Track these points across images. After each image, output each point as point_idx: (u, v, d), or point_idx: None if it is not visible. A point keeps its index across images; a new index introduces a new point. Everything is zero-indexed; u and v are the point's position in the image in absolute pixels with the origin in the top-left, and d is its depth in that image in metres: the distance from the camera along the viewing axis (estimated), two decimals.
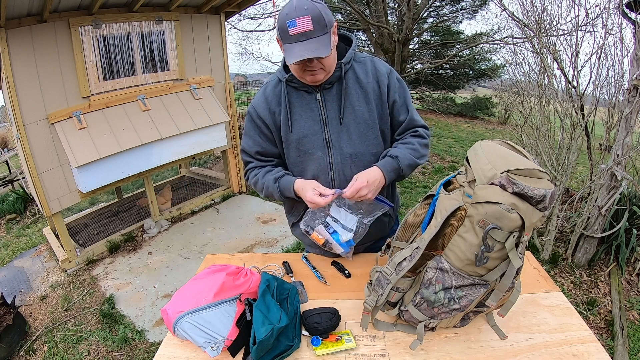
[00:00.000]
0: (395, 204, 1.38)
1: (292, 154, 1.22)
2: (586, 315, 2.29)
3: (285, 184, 1.18)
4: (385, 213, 1.24)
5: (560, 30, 2.86)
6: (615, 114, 2.62)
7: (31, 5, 2.52)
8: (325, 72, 1.10)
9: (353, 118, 1.16)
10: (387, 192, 1.30)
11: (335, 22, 1.07)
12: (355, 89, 1.16)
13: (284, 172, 1.22)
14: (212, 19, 3.83)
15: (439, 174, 5.00)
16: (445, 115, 9.84)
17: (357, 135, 1.17)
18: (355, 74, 1.16)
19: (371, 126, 1.18)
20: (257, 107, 1.21)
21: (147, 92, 3.38)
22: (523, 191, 0.75)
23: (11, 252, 3.64)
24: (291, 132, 1.18)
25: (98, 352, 2.26)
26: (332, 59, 1.09)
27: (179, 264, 3.13)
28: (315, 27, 0.98)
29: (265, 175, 1.23)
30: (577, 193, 2.87)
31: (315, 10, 0.98)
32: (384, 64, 1.21)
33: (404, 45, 9.13)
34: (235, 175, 4.43)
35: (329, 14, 1.04)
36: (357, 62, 1.18)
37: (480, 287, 0.85)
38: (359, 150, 1.18)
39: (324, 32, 1.00)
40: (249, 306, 0.97)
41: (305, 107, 1.17)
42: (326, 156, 1.18)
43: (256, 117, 1.21)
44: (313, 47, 0.99)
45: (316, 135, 1.17)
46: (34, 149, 2.82)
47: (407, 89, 1.24)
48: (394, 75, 1.20)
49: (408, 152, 1.17)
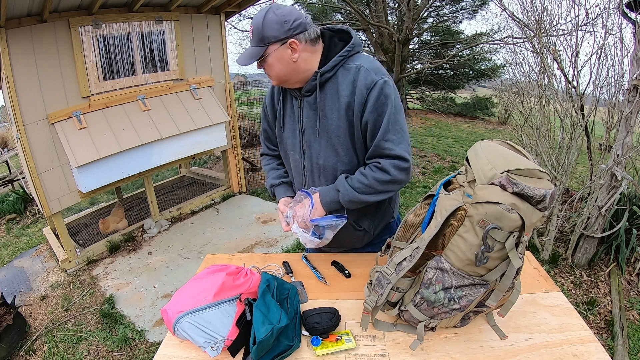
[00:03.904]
0: (392, 207, 1.35)
1: (282, 149, 1.32)
2: (586, 315, 2.29)
3: (277, 194, 1.34)
4: (358, 229, 1.25)
5: (560, 30, 2.86)
6: (615, 114, 2.62)
7: (31, 5, 2.51)
8: (275, 80, 1.13)
9: (325, 131, 1.12)
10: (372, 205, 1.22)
11: (293, 40, 1.03)
12: (332, 101, 1.09)
13: (280, 179, 1.35)
14: (212, 19, 3.83)
15: (439, 174, 5.00)
16: (445, 115, 9.85)
17: (327, 149, 1.14)
18: (337, 84, 1.08)
19: (342, 142, 1.11)
20: (266, 99, 1.31)
21: (147, 92, 3.38)
22: (523, 191, 0.75)
23: (11, 252, 3.64)
24: (283, 130, 1.26)
25: (98, 352, 2.26)
26: (282, 72, 1.08)
27: (179, 264, 3.13)
28: (253, 38, 1.06)
29: (269, 172, 1.39)
30: (577, 193, 2.88)
31: (258, 23, 1.03)
32: (370, 75, 1.04)
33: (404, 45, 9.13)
34: (235, 175, 4.43)
35: (277, 30, 1.02)
36: (344, 69, 1.08)
37: (480, 287, 0.85)
38: (328, 163, 1.15)
39: (258, 44, 1.05)
40: (249, 306, 0.97)
41: (291, 110, 1.21)
42: (301, 160, 1.23)
43: (266, 107, 1.32)
44: (243, 54, 1.08)
45: (295, 139, 1.22)
46: (34, 149, 2.82)
47: (391, 109, 1.04)
48: (377, 91, 1.03)
49: (357, 187, 1.08)
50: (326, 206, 1.14)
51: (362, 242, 1.33)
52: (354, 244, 1.34)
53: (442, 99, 11.30)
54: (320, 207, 1.14)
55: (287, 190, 1.32)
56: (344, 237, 1.24)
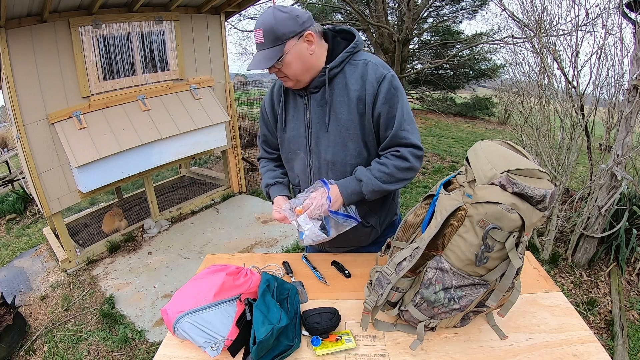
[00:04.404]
0: (396, 204, 1.37)
1: (284, 151, 1.31)
2: (586, 315, 2.29)
3: (271, 193, 1.32)
4: (366, 225, 1.26)
5: (560, 30, 2.86)
6: (615, 114, 2.62)
7: (31, 5, 2.51)
8: (292, 80, 1.11)
9: (335, 125, 1.14)
10: (378, 201, 1.25)
11: (308, 31, 1.06)
12: (341, 95, 1.11)
13: (276, 179, 1.33)
14: (212, 19, 3.83)
15: (439, 174, 5.00)
16: (445, 115, 9.85)
17: (336, 143, 1.15)
18: (345, 79, 1.11)
19: (352, 135, 1.13)
20: (265, 102, 1.31)
21: (147, 92, 3.38)
22: (523, 191, 0.75)
23: (11, 252, 3.64)
24: (285, 132, 1.25)
25: (98, 352, 2.26)
26: (298, 69, 1.08)
27: (179, 264, 3.13)
28: (265, 40, 1.03)
29: (265, 173, 1.37)
30: (577, 193, 2.87)
31: (269, 24, 1.02)
32: (379, 69, 1.10)
33: (404, 45, 9.14)
34: (235, 175, 4.43)
35: (291, 25, 1.03)
36: (351, 65, 1.12)
37: (480, 287, 0.85)
38: (337, 158, 1.16)
39: (274, 44, 1.03)
40: (249, 306, 0.97)
41: (296, 109, 1.21)
42: (307, 158, 1.22)
43: (264, 111, 1.32)
44: (257, 59, 1.06)
45: (301, 137, 1.21)
46: (34, 149, 2.82)
47: (401, 100, 1.11)
48: (387, 83, 1.08)
49: (378, 176, 1.11)
50: (347, 198, 1.12)
51: (369, 239, 1.34)
52: (361, 242, 1.34)
53: (442, 99, 11.29)
54: (341, 199, 1.12)
55: (283, 190, 1.31)
56: (352, 235, 1.24)
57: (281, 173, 1.36)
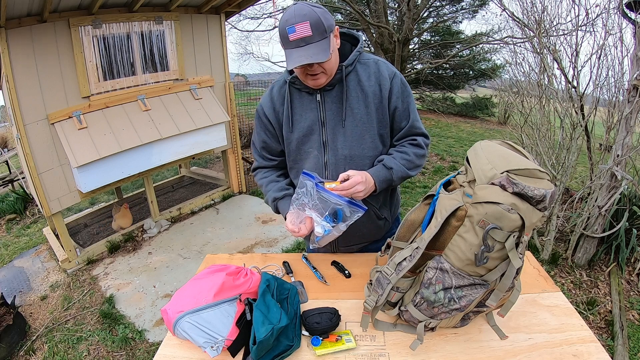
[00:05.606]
0: (396, 204, 1.38)
1: (292, 152, 1.27)
2: (586, 315, 2.29)
3: (281, 209, 1.27)
4: (380, 217, 1.29)
5: (560, 30, 2.86)
6: (615, 114, 2.62)
7: (31, 5, 2.51)
8: (327, 75, 1.12)
9: (352, 120, 1.17)
10: (388, 193, 1.31)
11: (337, 26, 1.09)
12: (356, 92, 1.16)
13: (284, 192, 1.28)
14: (212, 19, 3.83)
15: (439, 174, 5.00)
16: (445, 115, 9.85)
17: (353, 138, 1.18)
18: (357, 76, 1.16)
19: (368, 129, 1.18)
20: (263, 105, 1.27)
21: (147, 92, 3.38)
22: (523, 191, 0.75)
23: (11, 252, 3.63)
24: (292, 132, 1.23)
25: (98, 352, 2.26)
26: (334, 62, 1.10)
27: (179, 264, 3.13)
28: (313, 33, 1.00)
29: (268, 185, 1.32)
30: (577, 193, 2.87)
31: (314, 16, 1.00)
32: (389, 66, 1.19)
33: (404, 45, 9.13)
34: (235, 175, 4.43)
35: (329, 19, 1.04)
36: (361, 64, 1.17)
37: (480, 287, 0.85)
38: (355, 152, 1.19)
39: (322, 37, 1.02)
40: (249, 306, 0.97)
41: (306, 107, 1.20)
42: (322, 156, 1.22)
43: (262, 115, 1.28)
44: (311, 52, 1.01)
45: (314, 135, 1.20)
46: (34, 149, 2.82)
47: (411, 94, 1.21)
48: (398, 79, 1.17)
49: (403, 163, 1.18)
50: (380, 185, 1.16)
51: (381, 232, 1.36)
52: (374, 236, 1.35)
53: (442, 99, 11.29)
54: (373, 186, 1.14)
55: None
56: (366, 229, 1.28)
57: (286, 184, 1.33)
